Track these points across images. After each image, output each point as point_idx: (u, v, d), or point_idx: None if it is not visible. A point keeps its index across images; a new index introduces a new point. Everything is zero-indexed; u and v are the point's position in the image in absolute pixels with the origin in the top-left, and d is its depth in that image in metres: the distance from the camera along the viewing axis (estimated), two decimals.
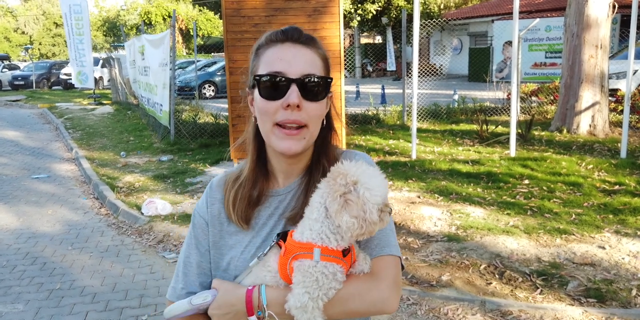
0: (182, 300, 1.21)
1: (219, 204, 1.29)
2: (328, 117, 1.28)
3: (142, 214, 5.94)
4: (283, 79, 1.15)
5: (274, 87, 1.16)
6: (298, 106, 1.15)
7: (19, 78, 28.69)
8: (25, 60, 42.89)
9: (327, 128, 1.28)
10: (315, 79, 1.17)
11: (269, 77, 1.16)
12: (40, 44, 58.08)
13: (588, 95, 8.91)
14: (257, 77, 1.17)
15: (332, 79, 1.22)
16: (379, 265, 1.18)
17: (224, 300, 1.16)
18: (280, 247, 1.15)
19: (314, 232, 1.10)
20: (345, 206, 1.07)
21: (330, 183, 1.10)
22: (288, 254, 1.12)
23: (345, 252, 1.11)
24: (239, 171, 1.30)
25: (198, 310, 1.20)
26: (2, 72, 30.03)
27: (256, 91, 1.19)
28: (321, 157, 1.26)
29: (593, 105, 8.93)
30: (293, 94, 1.14)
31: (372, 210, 1.07)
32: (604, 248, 4.32)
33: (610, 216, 5.01)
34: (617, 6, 9.04)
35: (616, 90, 10.92)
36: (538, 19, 12.66)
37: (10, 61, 37.13)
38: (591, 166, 6.79)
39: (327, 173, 1.15)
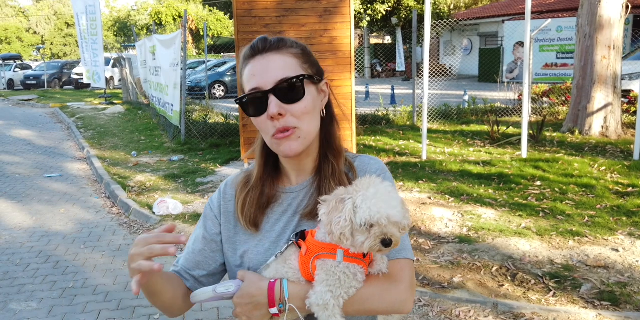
0: (207, 287, 1.26)
1: (234, 201, 1.34)
2: (328, 106, 1.29)
3: (154, 213, 5.97)
4: (259, 93, 1.18)
5: (255, 103, 1.20)
6: (281, 114, 1.18)
7: (31, 78, 28.97)
8: (37, 60, 43.33)
9: (329, 118, 1.29)
10: (290, 82, 1.18)
11: (246, 98, 1.21)
12: (51, 44, 58.59)
13: (600, 96, 8.84)
14: (238, 101, 1.23)
15: (304, 75, 1.20)
16: (396, 268, 1.22)
17: (247, 290, 1.20)
18: (299, 247, 1.19)
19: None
20: (329, 205, 1.10)
21: (343, 190, 1.13)
22: (310, 253, 1.16)
23: (365, 253, 1.15)
24: (248, 175, 1.34)
25: (222, 298, 1.26)
26: (14, 71, 30.34)
27: None
28: (328, 153, 1.29)
29: (605, 106, 8.86)
30: (271, 105, 1.17)
31: (341, 223, 1.06)
32: (617, 251, 4.28)
33: (624, 218, 4.97)
34: (630, 7, 8.96)
35: (629, 91, 10.83)
36: (550, 20, 12.61)
37: (22, 61, 37.45)
38: (604, 168, 6.73)
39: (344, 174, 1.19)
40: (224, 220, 1.35)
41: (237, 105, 1.31)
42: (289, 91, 1.19)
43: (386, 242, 1.07)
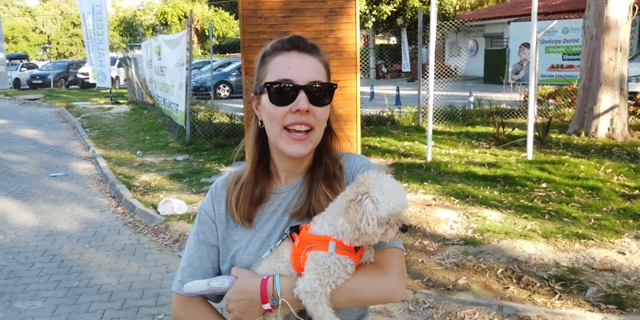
0: (200, 280, 1.30)
1: (225, 202, 1.36)
2: (328, 120, 1.34)
3: (158, 213, 5.98)
4: (292, 85, 1.22)
5: (283, 93, 1.23)
6: (307, 111, 1.22)
7: (37, 77, 29.10)
8: (43, 60, 43.48)
9: (328, 130, 1.34)
10: (321, 85, 1.25)
11: (278, 85, 1.23)
12: (58, 43, 58.88)
13: (607, 98, 8.80)
14: (268, 84, 1.24)
15: (336, 85, 1.29)
16: (384, 257, 1.26)
17: (241, 287, 1.24)
18: (293, 240, 1.22)
19: (332, 227, 1.18)
20: (345, 211, 1.14)
21: (351, 188, 1.18)
22: (303, 245, 1.19)
23: (357, 247, 1.19)
24: (239, 173, 1.37)
25: (214, 292, 1.30)
26: (20, 71, 30.47)
27: (264, 97, 1.26)
28: (323, 156, 1.33)
29: (612, 108, 8.82)
30: (302, 100, 1.22)
31: (370, 222, 1.11)
32: (623, 253, 4.25)
33: (630, 221, 4.94)
34: (637, 8, 8.92)
35: (635, 93, 10.79)
36: (556, 21, 12.57)
37: (28, 60, 37.63)
38: (610, 170, 6.70)
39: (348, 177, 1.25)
40: (217, 223, 1.37)
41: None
42: (319, 94, 1.25)
43: (405, 228, 1.15)
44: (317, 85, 1.24)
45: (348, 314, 1.30)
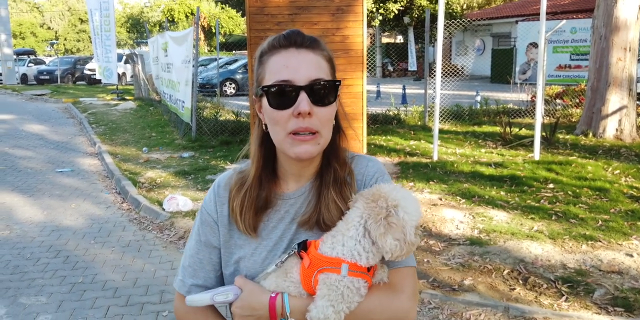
0: (205, 294, 1.24)
1: (228, 204, 1.29)
2: (336, 117, 1.25)
3: (164, 209, 5.98)
4: (291, 87, 1.13)
5: (282, 96, 1.14)
6: (309, 113, 1.13)
7: (45, 73, 29.20)
8: (50, 55, 43.64)
9: (336, 129, 1.25)
10: (324, 84, 1.16)
11: (277, 87, 1.14)
12: (65, 39, 59.12)
13: (615, 98, 8.73)
14: (265, 88, 1.16)
15: (340, 82, 1.20)
16: (397, 277, 1.21)
17: (248, 303, 1.18)
18: (301, 258, 1.17)
19: (346, 248, 1.13)
20: (389, 229, 1.11)
21: (371, 205, 1.13)
22: (313, 267, 1.14)
23: (370, 267, 1.15)
24: (243, 174, 1.28)
25: (219, 305, 1.27)
26: (28, 66, 30.61)
27: (264, 100, 1.17)
28: (331, 160, 1.25)
29: (620, 109, 8.75)
30: (303, 102, 1.13)
31: (411, 232, 1.11)
32: (631, 256, 4.21)
33: (638, 223, 4.89)
34: None
35: None
36: (564, 21, 12.49)
37: (36, 56, 37.77)
38: (618, 171, 6.65)
39: (363, 192, 1.17)
40: (220, 225, 1.30)
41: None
42: (321, 93, 1.16)
43: (420, 235, 1.16)
44: (319, 84, 1.14)
45: None
